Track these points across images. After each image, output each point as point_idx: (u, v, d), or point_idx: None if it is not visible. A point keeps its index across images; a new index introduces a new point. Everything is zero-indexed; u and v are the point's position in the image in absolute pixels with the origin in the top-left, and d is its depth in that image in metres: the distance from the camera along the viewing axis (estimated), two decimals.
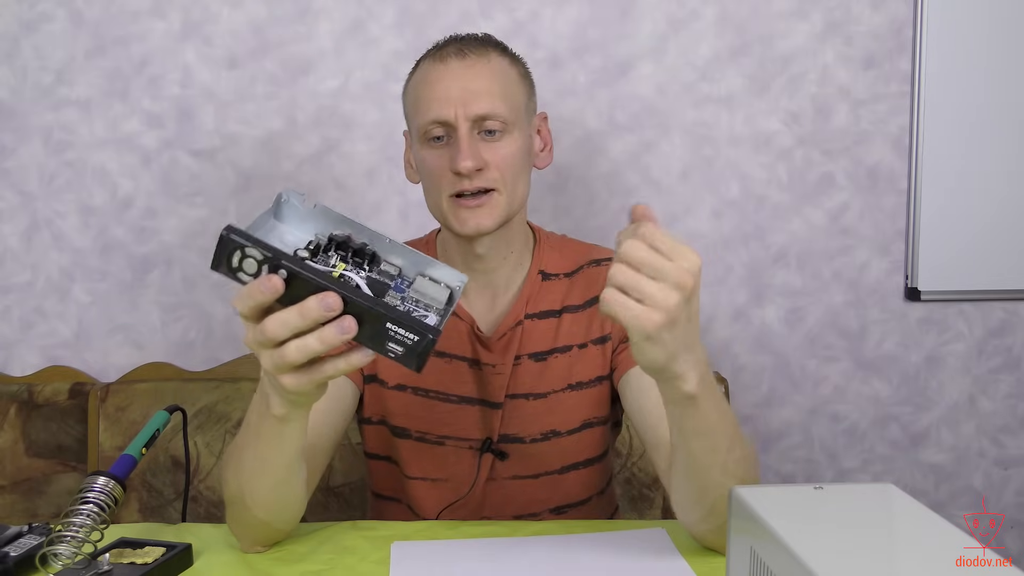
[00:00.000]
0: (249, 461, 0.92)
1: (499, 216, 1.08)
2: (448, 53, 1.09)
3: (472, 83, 1.06)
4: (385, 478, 1.20)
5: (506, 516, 1.15)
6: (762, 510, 0.65)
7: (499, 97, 1.07)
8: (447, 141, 1.07)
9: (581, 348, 1.14)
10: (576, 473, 1.16)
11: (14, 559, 0.91)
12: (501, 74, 1.09)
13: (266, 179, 1.74)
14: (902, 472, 1.86)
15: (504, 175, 1.07)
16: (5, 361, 1.77)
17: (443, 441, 1.15)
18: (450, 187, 1.07)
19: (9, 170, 1.73)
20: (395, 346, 0.71)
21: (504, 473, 1.15)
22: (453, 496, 1.14)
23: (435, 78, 1.08)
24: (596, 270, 1.17)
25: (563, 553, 0.97)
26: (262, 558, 0.97)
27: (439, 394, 1.14)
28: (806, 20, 1.75)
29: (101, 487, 0.88)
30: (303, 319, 0.70)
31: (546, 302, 1.15)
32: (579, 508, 1.18)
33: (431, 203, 1.12)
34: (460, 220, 1.08)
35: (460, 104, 1.05)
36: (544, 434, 1.14)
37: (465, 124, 1.05)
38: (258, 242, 0.70)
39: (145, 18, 1.70)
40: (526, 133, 1.12)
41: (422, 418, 1.15)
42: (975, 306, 1.84)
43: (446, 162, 1.06)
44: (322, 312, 0.69)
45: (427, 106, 1.07)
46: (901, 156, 1.79)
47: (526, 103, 1.13)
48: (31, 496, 1.66)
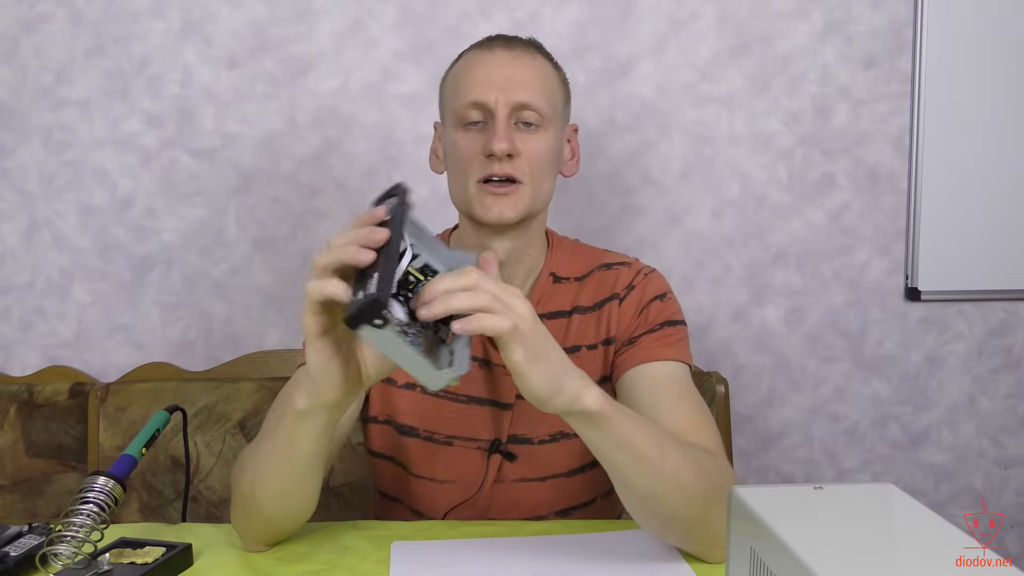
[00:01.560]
0: (268, 460, 0.93)
1: (522, 209, 1.08)
2: (495, 44, 1.11)
3: (516, 72, 1.08)
4: (388, 478, 1.20)
5: (512, 518, 1.14)
6: (762, 510, 0.65)
7: (540, 91, 1.08)
8: (482, 128, 1.08)
9: (590, 349, 1.14)
10: (583, 476, 1.16)
11: (14, 559, 0.91)
12: (544, 72, 1.11)
13: (266, 179, 1.74)
14: (902, 472, 1.86)
15: (533, 168, 1.08)
16: (5, 361, 1.77)
17: (451, 441, 1.14)
18: (479, 171, 1.07)
19: (9, 170, 1.73)
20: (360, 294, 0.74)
21: (512, 475, 1.14)
22: (459, 497, 1.14)
23: (479, 63, 1.09)
24: (607, 274, 1.17)
25: (564, 553, 0.97)
26: (262, 558, 0.97)
27: (448, 394, 1.14)
28: (806, 20, 1.75)
29: (101, 487, 0.88)
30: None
31: (556, 303, 1.15)
32: (584, 510, 1.18)
33: (456, 190, 1.11)
34: (484, 206, 1.07)
35: (502, 90, 1.06)
36: (552, 435, 1.13)
37: (504, 109, 1.06)
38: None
39: (145, 18, 1.70)
40: (559, 135, 1.13)
41: (430, 417, 1.14)
42: (975, 306, 1.84)
43: (479, 146, 1.07)
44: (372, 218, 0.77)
45: (468, 88, 1.08)
46: (901, 156, 1.79)
47: (563, 108, 1.14)
48: (31, 496, 1.66)
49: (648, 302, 1.14)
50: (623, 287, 1.15)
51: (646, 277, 1.17)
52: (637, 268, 1.18)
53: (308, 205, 1.74)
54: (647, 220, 1.78)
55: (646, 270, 1.18)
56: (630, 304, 1.14)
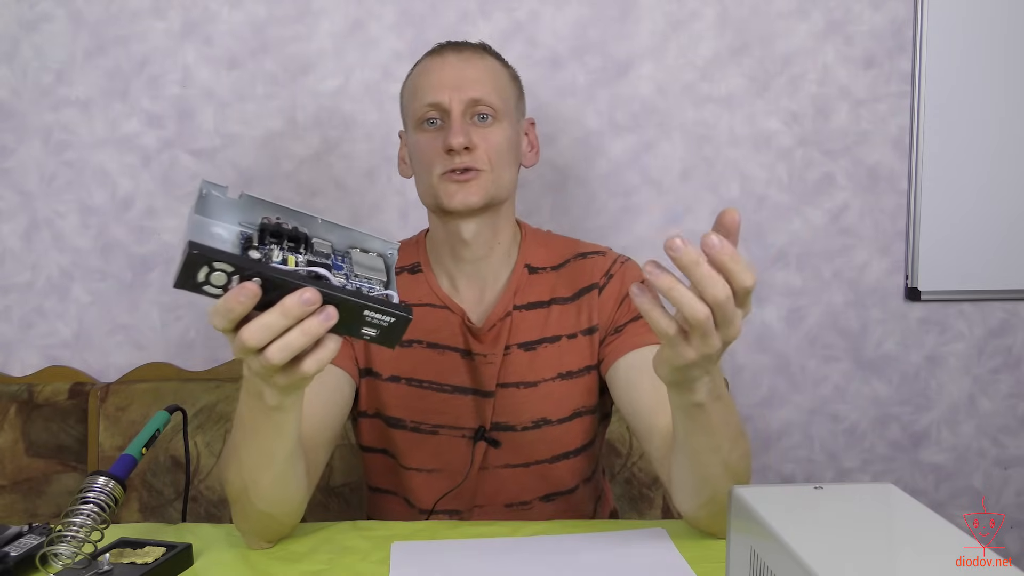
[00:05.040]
0: (250, 456, 0.92)
1: (485, 194, 1.12)
2: (446, 50, 1.17)
3: (466, 72, 1.14)
4: (380, 471, 1.22)
5: (498, 505, 1.17)
6: (762, 510, 0.65)
7: (491, 87, 1.14)
8: (440, 125, 1.13)
9: (570, 339, 1.17)
10: (567, 462, 1.18)
11: (14, 559, 0.91)
12: (493, 71, 1.16)
13: (266, 179, 1.74)
14: (902, 472, 1.86)
15: (492, 158, 1.12)
16: (5, 361, 1.77)
17: (437, 430, 1.17)
18: (441, 166, 1.12)
19: (9, 170, 1.73)
20: (370, 330, 0.73)
21: (496, 462, 1.17)
22: (447, 486, 1.16)
23: (432, 68, 1.15)
24: (583, 263, 1.20)
25: (563, 553, 0.97)
26: (262, 557, 0.97)
27: (433, 384, 1.17)
28: (806, 20, 1.75)
29: (101, 487, 0.88)
30: (286, 318, 0.70)
31: (534, 294, 1.19)
32: (567, 497, 1.20)
33: (422, 188, 1.16)
34: (448, 194, 1.11)
35: (454, 89, 1.12)
36: (535, 422, 1.16)
37: (459, 107, 1.12)
38: (224, 254, 0.68)
39: (145, 18, 1.70)
40: (515, 128, 1.18)
41: (416, 408, 1.17)
42: (975, 306, 1.84)
43: (439, 143, 1.12)
44: (304, 308, 0.69)
45: (423, 92, 1.14)
46: (901, 156, 1.79)
47: (515, 102, 1.19)
48: (31, 496, 1.66)
49: (628, 291, 1.16)
50: (601, 275, 1.18)
51: (623, 265, 1.20)
52: (613, 257, 1.21)
53: (308, 205, 1.74)
54: (647, 220, 1.78)
55: (622, 259, 1.21)
56: (610, 293, 1.17)
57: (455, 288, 1.20)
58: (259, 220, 0.73)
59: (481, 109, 1.13)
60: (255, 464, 0.92)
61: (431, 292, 1.19)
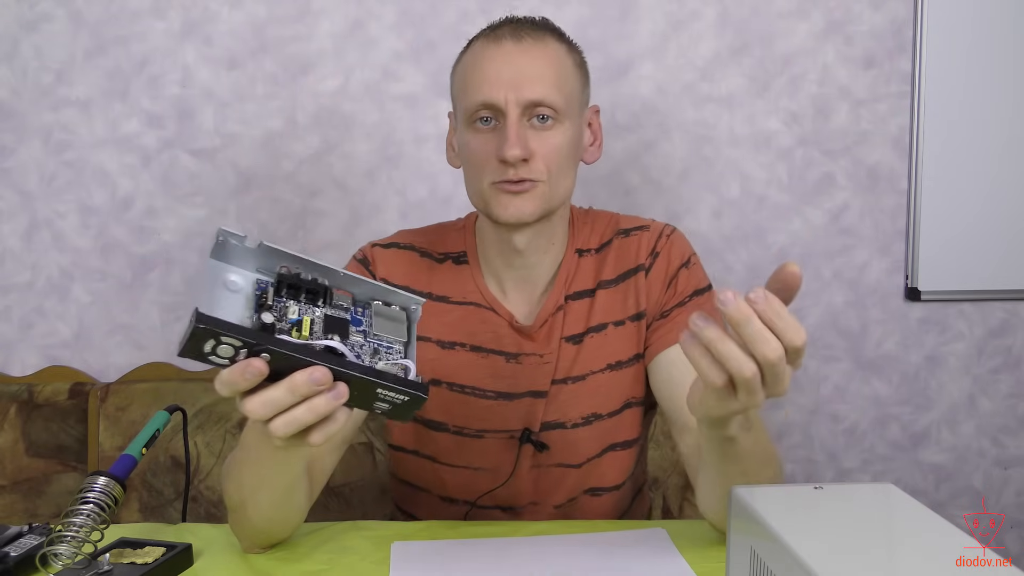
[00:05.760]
0: (251, 478, 0.90)
1: (540, 207, 1.03)
2: (503, 34, 1.04)
3: (526, 67, 1.01)
4: (412, 469, 1.17)
5: (545, 502, 1.13)
6: (762, 510, 0.64)
7: (553, 84, 1.02)
8: (494, 126, 1.02)
9: (617, 326, 1.10)
10: (614, 455, 1.13)
11: (14, 559, 0.91)
12: (557, 60, 1.04)
13: (266, 179, 1.74)
14: (902, 472, 1.86)
15: (550, 167, 1.02)
16: (5, 361, 1.77)
17: (482, 435, 1.12)
18: (493, 175, 1.02)
19: (9, 170, 1.73)
20: (383, 404, 0.70)
21: (545, 461, 1.12)
22: (493, 483, 1.11)
23: (487, 59, 1.03)
24: (626, 242, 1.13)
25: (563, 553, 0.97)
26: (262, 558, 0.97)
27: (475, 390, 1.11)
28: (806, 20, 1.75)
29: (101, 487, 0.88)
30: (293, 396, 0.67)
31: (581, 281, 1.12)
32: (614, 493, 1.15)
33: (471, 190, 1.07)
34: (501, 205, 1.03)
35: (511, 88, 1.00)
36: (585, 418, 1.10)
37: (515, 109, 1.00)
38: (233, 327, 0.65)
39: (145, 18, 1.70)
40: (577, 124, 1.07)
41: (459, 413, 1.12)
42: (975, 306, 1.84)
43: (492, 148, 1.01)
44: (312, 387, 0.66)
45: (476, 87, 1.02)
46: (901, 156, 1.79)
47: (580, 93, 1.08)
48: (31, 496, 1.66)
49: (676, 271, 1.11)
50: (646, 255, 1.11)
51: (668, 239, 1.13)
52: (657, 230, 1.13)
53: (308, 205, 1.74)
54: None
55: (667, 231, 1.14)
56: (657, 275, 1.11)
57: (502, 291, 1.12)
58: (277, 268, 0.70)
59: (541, 111, 1.01)
60: (255, 486, 0.91)
61: (477, 291, 1.12)
